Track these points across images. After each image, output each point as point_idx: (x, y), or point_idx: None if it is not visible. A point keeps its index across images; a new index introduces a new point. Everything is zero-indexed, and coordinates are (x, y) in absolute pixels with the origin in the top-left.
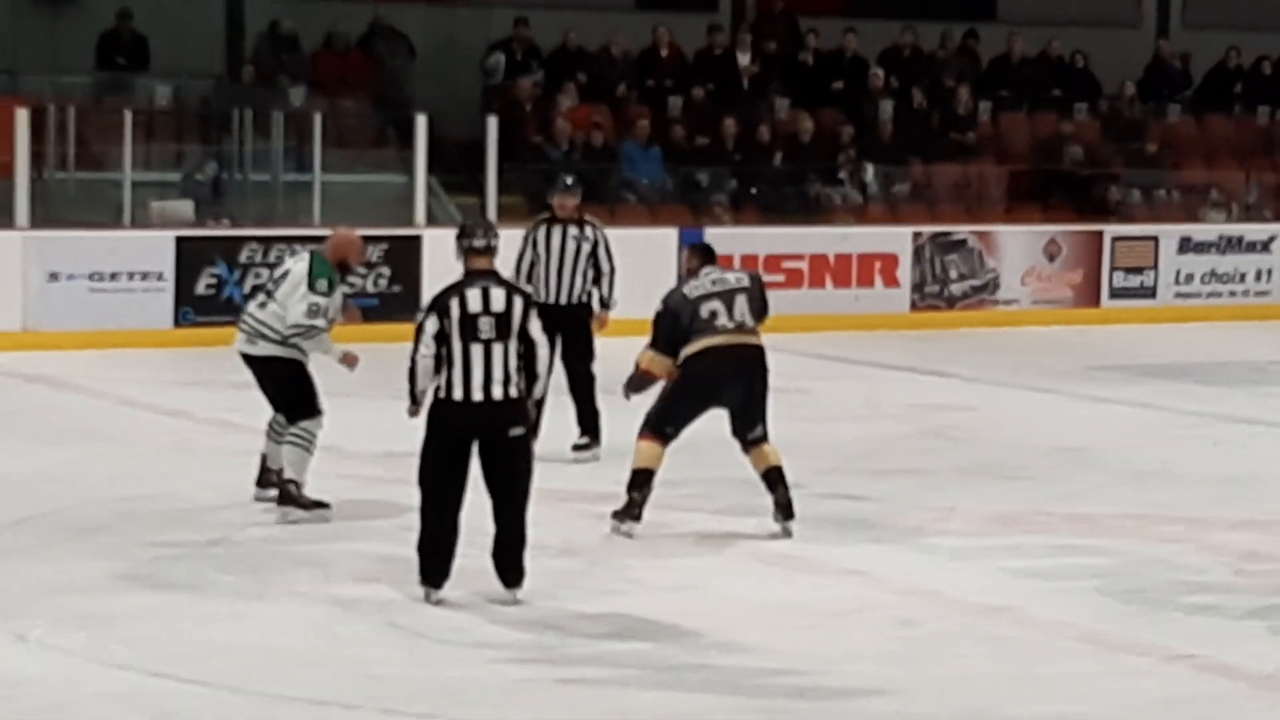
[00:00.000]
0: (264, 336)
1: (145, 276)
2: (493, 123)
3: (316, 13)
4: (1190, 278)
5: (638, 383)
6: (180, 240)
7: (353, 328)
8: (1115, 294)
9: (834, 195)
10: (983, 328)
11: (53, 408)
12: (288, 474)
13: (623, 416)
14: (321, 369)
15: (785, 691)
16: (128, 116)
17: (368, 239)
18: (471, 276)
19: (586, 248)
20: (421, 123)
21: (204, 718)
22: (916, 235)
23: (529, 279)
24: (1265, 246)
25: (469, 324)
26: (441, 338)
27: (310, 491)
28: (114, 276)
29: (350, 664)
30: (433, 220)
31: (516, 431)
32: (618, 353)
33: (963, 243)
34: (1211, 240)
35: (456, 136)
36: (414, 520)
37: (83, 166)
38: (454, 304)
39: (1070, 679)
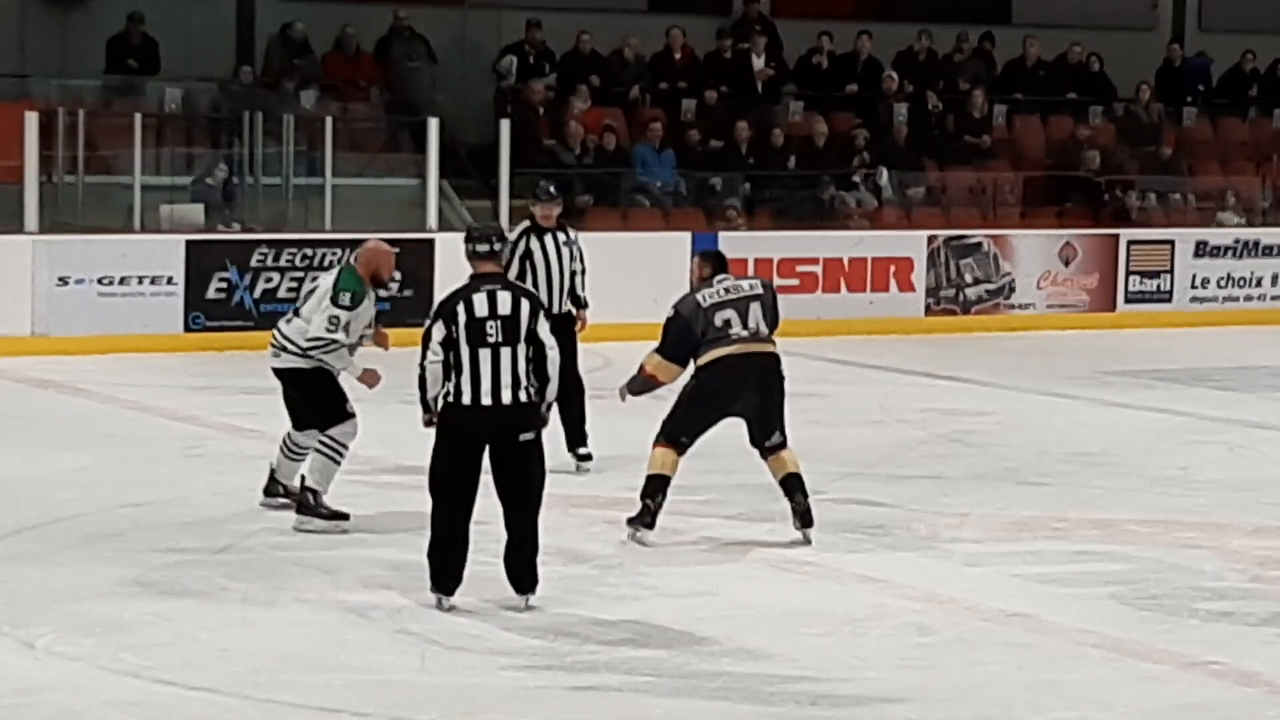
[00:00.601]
0: (287, 350)
1: (155, 281)
2: (505, 126)
3: (327, 15)
4: (1206, 282)
5: (639, 385)
6: (190, 244)
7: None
8: (1131, 298)
9: (848, 199)
10: (998, 332)
11: (62, 413)
12: (309, 482)
13: (627, 423)
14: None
15: (801, 698)
16: (137, 120)
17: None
18: (477, 280)
19: (575, 253)
20: (434, 126)
21: None
22: (931, 239)
23: None
24: None
25: (476, 328)
26: (449, 344)
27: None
28: (124, 281)
29: (361, 671)
30: (445, 224)
31: (528, 436)
32: (629, 357)
33: (978, 246)
34: (1228, 244)
35: (469, 140)
36: (425, 526)
37: (92, 170)
38: (460, 309)
39: (1087, 685)
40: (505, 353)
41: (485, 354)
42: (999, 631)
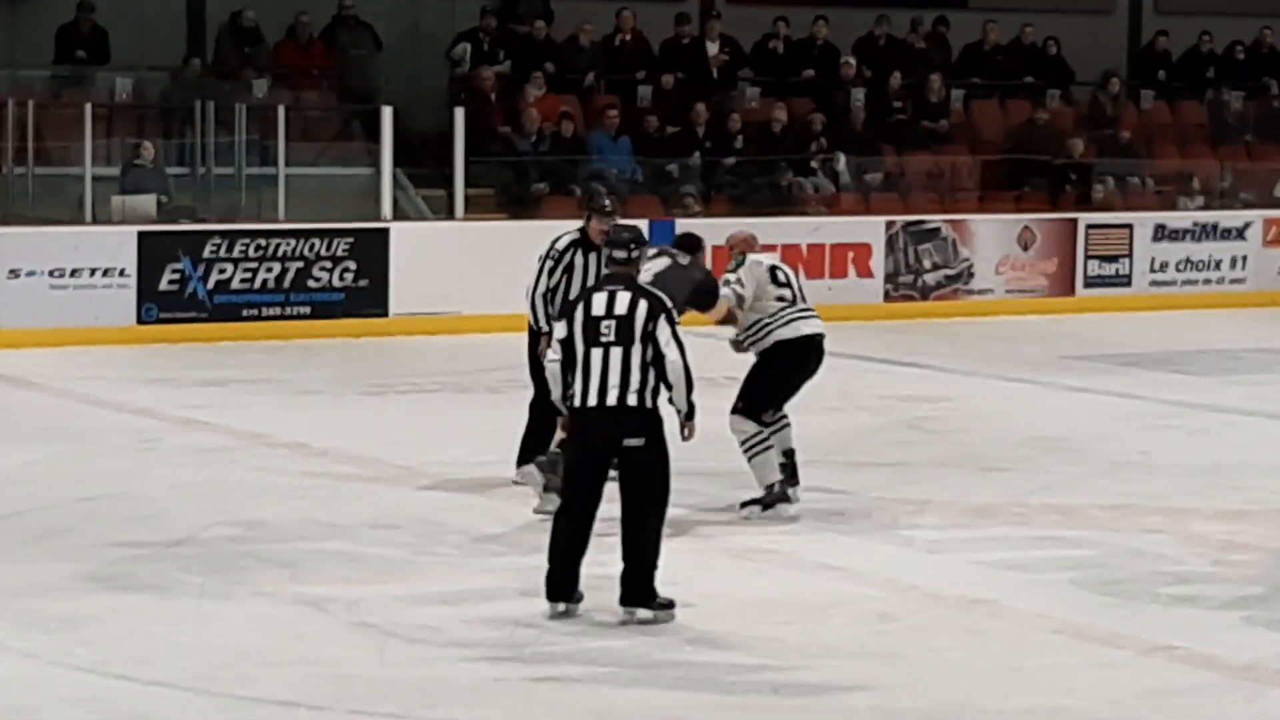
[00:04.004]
0: None
1: (107, 273)
2: (459, 114)
3: (279, 3)
4: (1165, 265)
5: None
6: (143, 235)
7: (321, 323)
8: (1090, 283)
9: (806, 185)
10: (957, 318)
11: (14, 407)
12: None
13: None
14: (295, 366)
15: (762, 687)
16: (88, 110)
17: (333, 233)
18: (604, 280)
19: None
20: (387, 115)
21: None
22: (890, 225)
23: (551, 303)
24: (1240, 233)
25: (591, 327)
26: (568, 343)
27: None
28: (75, 273)
29: (318, 664)
30: (400, 214)
31: (634, 442)
32: None
33: (936, 232)
34: (1186, 227)
35: (423, 128)
36: (382, 517)
37: (42, 162)
38: (579, 308)
39: (1049, 671)
40: (616, 353)
41: (597, 353)
42: (960, 618)
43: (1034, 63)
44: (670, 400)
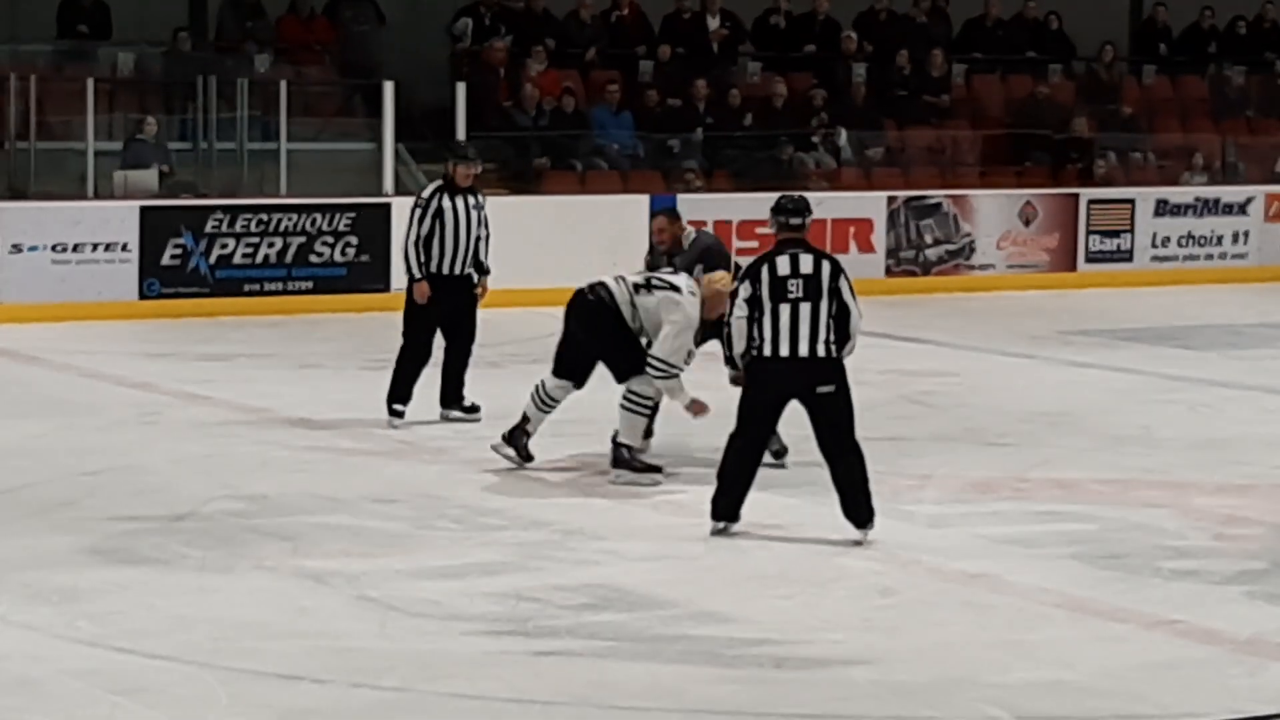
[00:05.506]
0: None
1: (109, 247)
2: (461, 89)
3: None
4: (1167, 241)
5: None
6: (145, 210)
7: (323, 298)
8: (1091, 258)
9: (807, 160)
10: (958, 293)
11: (16, 381)
12: (621, 438)
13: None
14: (297, 341)
15: (763, 661)
16: (90, 85)
17: (334, 208)
18: (782, 245)
19: (482, 218)
20: (389, 90)
21: (172, 692)
22: (891, 200)
23: (425, 249)
24: (1242, 209)
25: (778, 285)
26: (754, 301)
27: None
28: (78, 248)
29: (320, 637)
30: (401, 188)
31: (826, 389)
32: None
33: (937, 207)
34: (1188, 203)
35: (424, 103)
36: (384, 492)
37: (45, 136)
38: (764, 269)
39: (1050, 645)
40: (805, 308)
41: (786, 309)
42: (962, 592)
43: (1036, 37)
44: (839, 346)
